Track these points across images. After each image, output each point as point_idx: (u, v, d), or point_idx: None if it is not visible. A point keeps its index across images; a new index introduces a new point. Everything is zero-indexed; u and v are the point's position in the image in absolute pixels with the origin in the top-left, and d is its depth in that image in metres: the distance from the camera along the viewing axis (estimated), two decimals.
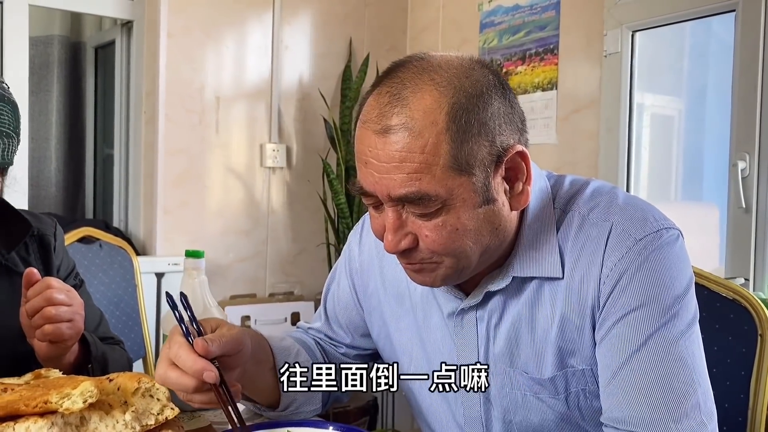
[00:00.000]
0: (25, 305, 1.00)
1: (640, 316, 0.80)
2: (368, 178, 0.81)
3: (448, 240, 0.81)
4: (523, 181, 0.84)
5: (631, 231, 0.83)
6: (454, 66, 0.81)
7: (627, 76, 2.32)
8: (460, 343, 0.94)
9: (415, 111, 0.77)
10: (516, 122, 0.83)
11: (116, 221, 2.85)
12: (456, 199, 0.79)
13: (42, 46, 3.08)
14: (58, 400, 0.74)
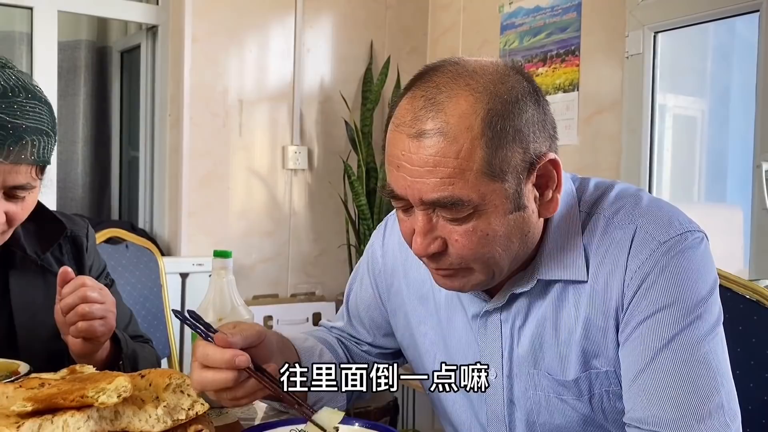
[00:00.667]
0: (59, 303, 1.03)
1: (663, 317, 0.81)
2: (400, 181, 0.81)
3: (478, 245, 0.81)
4: (553, 189, 0.84)
5: (656, 234, 0.84)
6: (490, 72, 0.81)
7: (649, 77, 2.31)
8: (484, 344, 0.95)
9: (450, 116, 0.77)
10: (548, 129, 0.83)
11: (141, 222, 2.90)
12: (488, 205, 0.79)
13: (69, 51, 3.14)
14: (94, 395, 0.76)
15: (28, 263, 1.15)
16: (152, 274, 2.20)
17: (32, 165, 1.01)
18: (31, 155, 0.99)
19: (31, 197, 1.06)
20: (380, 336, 1.13)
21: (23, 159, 0.99)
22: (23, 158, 0.99)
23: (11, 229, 1.07)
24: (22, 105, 0.99)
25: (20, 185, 1.01)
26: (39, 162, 1.02)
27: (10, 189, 1.01)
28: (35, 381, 0.85)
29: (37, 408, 0.75)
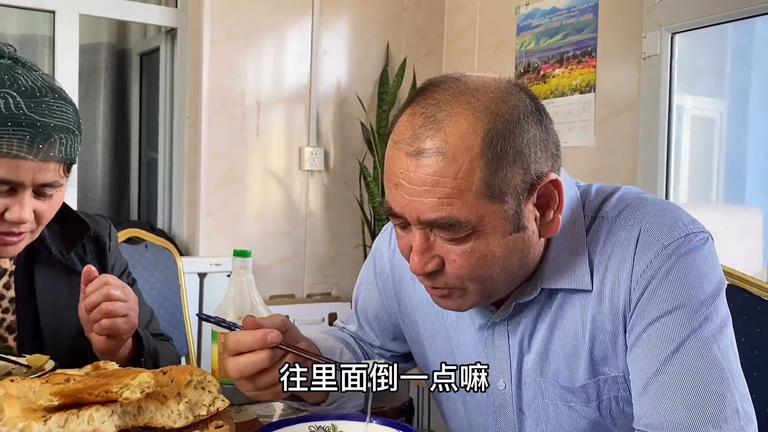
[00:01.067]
0: (83, 301, 1.05)
1: (670, 320, 0.80)
2: (398, 199, 0.80)
3: (476, 266, 0.80)
4: (554, 210, 0.83)
5: (659, 235, 0.83)
6: (492, 90, 0.79)
7: (666, 78, 2.30)
8: (492, 355, 0.94)
9: (450, 135, 0.76)
10: (551, 148, 0.82)
11: (160, 223, 2.93)
12: (486, 226, 0.78)
13: (90, 53, 3.19)
14: (118, 390, 0.78)
15: (53, 262, 1.17)
16: (171, 273, 2.23)
17: (60, 162, 1.04)
18: (59, 153, 1.02)
19: (58, 195, 1.09)
20: (389, 340, 1.13)
21: (51, 157, 1.02)
22: (51, 156, 1.02)
23: (40, 227, 1.10)
24: (50, 105, 1.02)
25: (49, 183, 1.04)
26: (66, 159, 1.05)
27: (39, 186, 1.04)
28: (61, 377, 0.87)
29: (63, 402, 0.77)
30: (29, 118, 0.99)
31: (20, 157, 0.99)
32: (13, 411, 0.75)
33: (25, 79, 1.03)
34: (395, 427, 0.81)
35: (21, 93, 1.01)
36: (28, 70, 1.06)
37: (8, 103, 0.99)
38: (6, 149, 0.98)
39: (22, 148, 0.99)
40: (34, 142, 0.99)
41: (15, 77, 1.02)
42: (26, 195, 1.03)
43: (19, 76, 1.03)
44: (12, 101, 0.99)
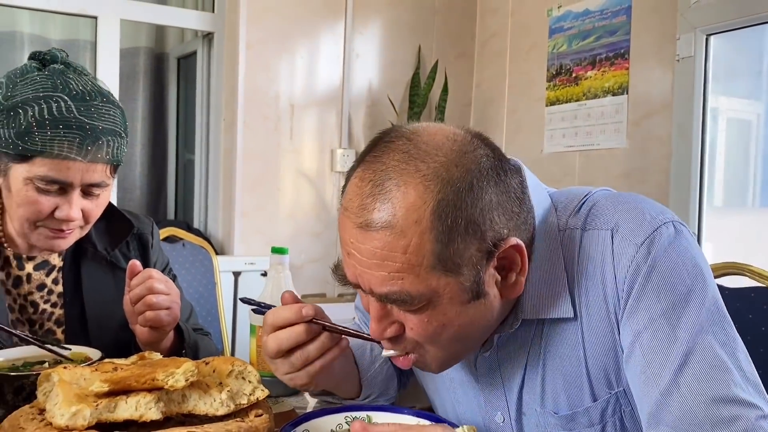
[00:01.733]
0: (128, 294, 1.10)
1: (662, 328, 0.76)
2: (351, 269, 0.78)
3: (434, 333, 0.78)
4: (516, 272, 0.78)
5: (631, 236, 0.80)
6: (444, 152, 0.74)
7: (700, 80, 2.28)
8: (487, 389, 0.92)
9: (398, 208, 0.71)
10: (511, 207, 0.77)
11: (196, 222, 3.00)
12: (442, 297, 0.75)
13: (129, 57, 3.28)
14: (164, 378, 0.82)
15: (99, 259, 1.22)
16: (207, 272, 2.29)
17: (107, 164, 1.09)
18: (106, 155, 1.07)
19: (105, 195, 1.14)
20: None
21: (99, 158, 1.07)
22: (99, 157, 1.07)
23: (88, 225, 1.15)
24: (99, 108, 1.07)
25: (96, 183, 1.09)
26: (113, 161, 1.10)
27: (87, 186, 1.08)
28: (109, 365, 0.92)
29: (112, 389, 0.82)
30: (79, 121, 1.04)
31: (70, 158, 1.04)
32: (67, 396, 0.80)
33: (76, 84, 1.08)
34: (428, 418, 0.84)
35: (72, 97, 1.06)
36: (79, 74, 1.11)
37: (60, 106, 1.04)
38: (57, 151, 1.03)
39: (72, 150, 1.04)
40: (83, 144, 1.04)
41: (67, 82, 1.07)
42: (75, 194, 1.08)
43: (71, 81, 1.08)
44: (63, 105, 1.04)
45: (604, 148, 2.57)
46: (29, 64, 1.11)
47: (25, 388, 0.94)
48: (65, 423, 0.76)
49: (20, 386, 0.94)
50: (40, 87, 1.06)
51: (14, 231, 1.15)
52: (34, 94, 1.05)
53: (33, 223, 1.10)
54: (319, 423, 0.85)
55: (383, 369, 1.08)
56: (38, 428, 0.78)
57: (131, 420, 0.80)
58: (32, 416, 0.82)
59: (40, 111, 1.04)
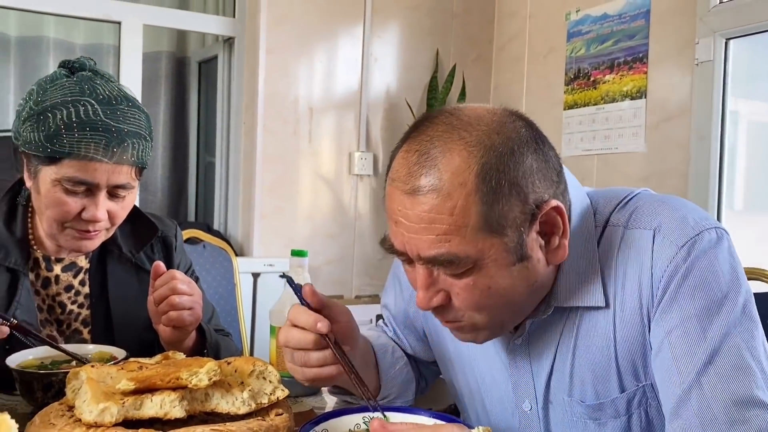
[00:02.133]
0: (152, 294, 1.13)
1: (693, 327, 0.78)
2: (398, 237, 0.80)
3: (481, 299, 0.80)
4: (559, 236, 0.81)
5: (673, 237, 0.82)
6: (485, 122, 0.78)
7: (720, 84, 2.27)
8: (516, 377, 0.94)
9: (443, 172, 0.75)
10: (551, 176, 0.80)
11: (216, 224, 3.04)
12: (487, 260, 0.77)
13: (151, 62, 3.33)
14: (187, 377, 0.84)
15: (124, 261, 1.26)
16: (227, 273, 2.32)
17: (132, 166, 1.12)
18: (131, 156, 1.11)
19: (130, 197, 1.17)
20: (420, 350, 1.13)
21: (125, 160, 1.10)
22: (124, 159, 1.10)
23: (114, 227, 1.18)
24: (124, 112, 1.11)
25: (121, 184, 1.12)
26: (138, 163, 1.13)
27: (113, 188, 1.12)
28: (134, 364, 0.95)
29: (138, 387, 0.84)
30: (105, 124, 1.08)
31: (96, 159, 1.07)
32: (95, 393, 0.82)
33: (103, 89, 1.12)
34: (444, 419, 0.85)
35: (99, 101, 1.09)
36: (106, 81, 1.14)
37: (87, 110, 1.08)
38: (84, 152, 1.07)
39: (98, 152, 1.07)
40: (109, 146, 1.08)
41: (94, 87, 1.11)
42: (101, 196, 1.11)
43: (98, 86, 1.12)
44: (90, 108, 1.08)
45: (622, 152, 2.57)
46: (59, 72, 1.15)
47: (54, 386, 0.97)
48: (93, 419, 0.79)
49: (49, 383, 0.97)
50: (69, 92, 1.10)
51: (43, 233, 1.19)
52: (62, 99, 1.09)
53: (61, 224, 1.13)
54: (338, 422, 0.87)
55: (403, 372, 1.10)
56: (68, 424, 0.81)
57: (156, 417, 0.83)
58: (62, 413, 0.85)
59: (68, 114, 1.07)
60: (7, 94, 3.08)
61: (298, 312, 0.92)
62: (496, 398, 0.98)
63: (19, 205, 1.21)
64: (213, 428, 0.80)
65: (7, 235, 1.16)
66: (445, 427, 0.71)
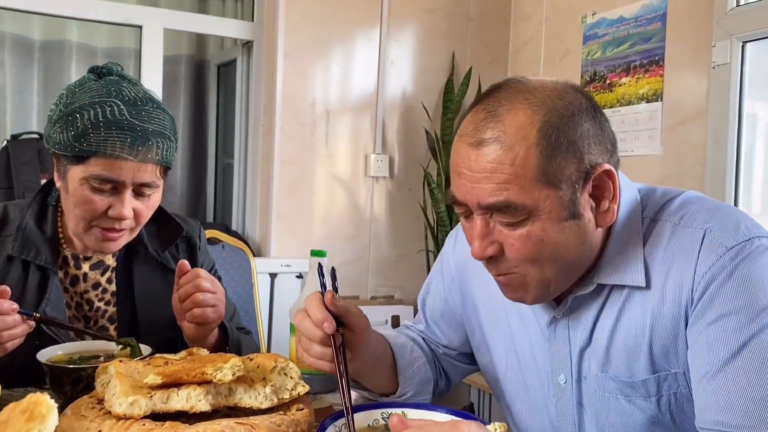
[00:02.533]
0: (177, 291, 1.16)
1: (731, 322, 0.82)
2: (461, 188, 0.87)
3: (533, 250, 0.85)
4: (609, 200, 0.87)
5: (723, 239, 0.85)
6: (549, 89, 0.86)
7: (736, 87, 2.27)
8: (554, 350, 0.99)
9: (508, 126, 0.82)
10: (606, 144, 0.87)
11: (234, 225, 3.08)
12: (542, 211, 0.83)
13: (171, 65, 3.37)
14: (212, 372, 0.87)
15: (150, 260, 1.29)
16: (245, 273, 2.35)
17: (156, 164, 1.16)
18: (156, 155, 1.14)
19: (155, 197, 1.21)
20: (456, 339, 1.18)
21: (149, 158, 1.14)
22: (149, 158, 1.13)
23: (138, 226, 1.22)
24: (149, 112, 1.15)
25: (147, 183, 1.15)
26: (162, 162, 1.17)
27: (138, 186, 1.15)
28: (160, 360, 0.98)
29: (165, 382, 0.87)
30: (130, 123, 1.12)
31: (122, 157, 1.11)
32: (124, 387, 0.86)
33: (129, 91, 1.16)
34: (461, 416, 0.88)
35: (124, 102, 1.13)
36: (132, 84, 1.19)
37: (113, 110, 1.12)
38: (110, 150, 1.11)
39: (123, 150, 1.11)
40: (134, 145, 1.11)
41: (120, 89, 1.15)
42: (127, 194, 1.15)
43: (124, 89, 1.16)
44: (116, 108, 1.12)
45: (638, 155, 2.57)
46: (87, 76, 1.19)
47: (83, 380, 1.01)
48: (123, 412, 0.82)
49: (78, 378, 1.01)
50: (96, 94, 1.14)
51: (71, 232, 1.22)
52: (90, 100, 1.13)
53: (88, 223, 1.17)
54: (357, 418, 0.89)
55: (421, 371, 1.12)
56: (98, 416, 0.84)
57: (182, 411, 0.86)
58: (92, 405, 0.88)
59: (95, 114, 1.11)
60: (30, 97, 3.14)
61: (312, 303, 0.95)
62: (535, 373, 1.02)
63: (50, 205, 1.25)
64: (237, 422, 0.83)
65: (38, 233, 1.20)
66: (462, 423, 0.73)
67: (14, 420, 0.58)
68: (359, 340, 0.98)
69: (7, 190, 2.53)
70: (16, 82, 3.10)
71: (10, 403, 0.60)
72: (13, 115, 3.07)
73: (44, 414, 0.67)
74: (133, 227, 1.21)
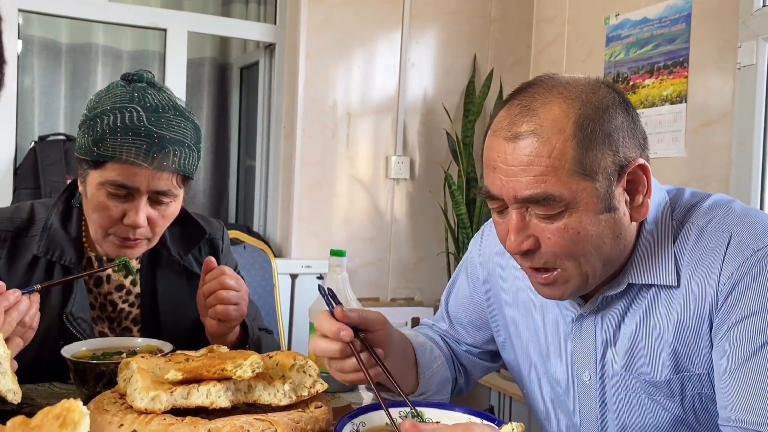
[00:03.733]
0: (202, 287, 1.17)
1: (756, 321, 0.82)
2: (496, 182, 0.87)
3: (570, 243, 0.85)
4: (643, 194, 0.88)
5: (750, 242, 0.85)
6: (581, 84, 0.87)
7: (763, 88, 2.23)
8: (579, 347, 0.99)
9: (544, 119, 0.83)
10: (638, 138, 0.88)
11: (256, 226, 3.10)
12: (579, 203, 0.83)
13: (195, 67, 3.41)
14: (232, 369, 0.88)
15: (172, 263, 1.30)
16: (266, 274, 2.37)
17: (173, 173, 1.14)
18: (172, 163, 1.13)
19: (173, 207, 1.19)
20: (480, 337, 1.19)
21: (165, 166, 1.12)
22: (165, 166, 1.12)
23: (155, 237, 1.21)
24: (169, 120, 1.14)
25: (162, 191, 1.14)
26: (180, 171, 1.15)
27: (154, 194, 1.14)
28: (181, 356, 0.99)
29: (185, 378, 0.89)
30: (148, 130, 1.11)
31: (137, 164, 1.10)
32: (145, 382, 0.87)
33: (153, 98, 1.15)
34: (478, 416, 0.87)
35: (145, 108, 1.13)
36: (159, 91, 1.17)
37: (132, 116, 1.11)
38: (125, 156, 1.10)
39: (139, 156, 1.10)
40: (150, 151, 1.10)
41: (144, 95, 1.14)
42: (142, 201, 1.14)
43: (148, 95, 1.15)
44: (135, 114, 1.12)
45: (661, 157, 2.54)
46: (117, 82, 1.19)
47: (105, 375, 1.02)
48: (144, 406, 0.84)
49: (101, 373, 1.02)
50: (119, 99, 1.14)
51: (92, 237, 1.23)
52: (112, 105, 1.13)
53: (105, 230, 1.16)
54: (374, 416, 0.89)
55: (441, 370, 1.13)
56: (120, 410, 0.86)
57: (202, 407, 0.87)
58: (114, 400, 0.90)
59: (114, 119, 1.11)
60: (57, 99, 3.20)
61: (322, 320, 0.95)
62: (559, 370, 1.03)
63: (74, 207, 1.26)
64: (256, 418, 0.84)
65: (62, 233, 1.22)
66: (476, 426, 0.73)
67: (47, 425, 0.59)
68: (381, 335, 0.98)
69: (34, 190, 2.58)
70: (43, 84, 3.16)
71: (45, 408, 0.61)
72: (40, 117, 3.13)
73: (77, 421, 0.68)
74: (150, 237, 1.19)
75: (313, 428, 0.86)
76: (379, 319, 0.98)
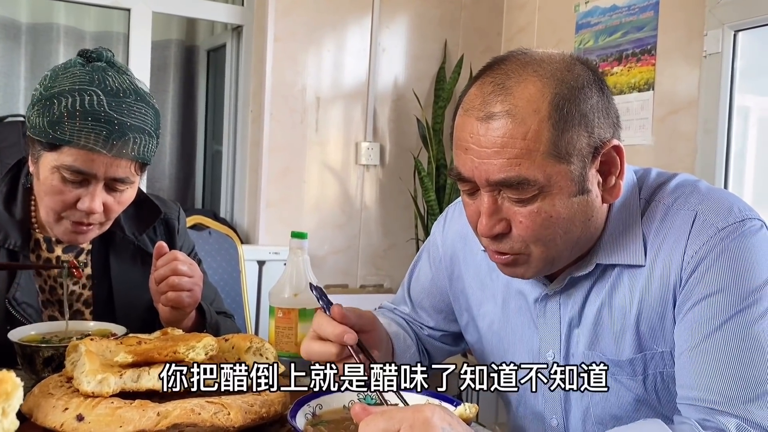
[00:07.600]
0: (153, 273, 1.14)
1: (717, 300, 0.82)
2: (467, 164, 0.84)
3: (541, 227, 0.83)
4: (616, 176, 0.86)
5: (715, 220, 0.85)
6: (556, 61, 0.84)
7: (727, 77, 2.26)
8: (543, 327, 0.98)
9: (518, 99, 0.80)
10: (612, 117, 0.85)
11: (223, 212, 3.06)
12: (553, 186, 0.81)
13: (160, 50, 3.33)
14: (185, 351, 0.86)
15: (126, 243, 1.26)
16: (232, 260, 2.34)
17: (132, 160, 1.10)
18: (131, 151, 1.09)
19: (128, 193, 1.16)
20: (442, 320, 1.18)
21: (124, 154, 1.08)
22: (124, 153, 1.08)
23: (108, 221, 1.17)
24: (130, 105, 1.09)
25: (120, 178, 1.10)
26: (139, 158, 1.11)
27: (111, 181, 1.10)
28: (133, 339, 0.96)
29: (136, 360, 0.86)
30: (108, 116, 1.06)
31: (95, 150, 1.06)
32: (93, 365, 0.84)
33: (113, 81, 1.10)
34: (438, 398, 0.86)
35: (105, 92, 1.08)
36: (119, 73, 1.12)
37: (92, 100, 1.07)
38: (84, 142, 1.06)
39: (97, 143, 1.06)
40: (110, 138, 1.06)
41: (104, 78, 1.09)
42: (98, 187, 1.10)
43: (108, 77, 1.10)
44: (95, 98, 1.07)
45: (629, 145, 2.54)
46: (75, 60, 1.14)
47: (54, 360, 0.99)
48: (91, 389, 0.81)
49: (50, 357, 0.99)
50: (78, 80, 1.09)
51: (43, 220, 1.19)
52: (70, 87, 1.08)
53: (57, 214, 1.12)
54: (332, 399, 0.87)
55: (414, 358, 1.12)
56: (66, 394, 0.83)
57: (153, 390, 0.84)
58: (60, 383, 0.87)
59: (73, 102, 1.06)
60: (17, 80, 3.11)
61: (323, 322, 0.90)
62: (523, 350, 1.02)
63: (21, 187, 1.21)
64: (208, 400, 0.81)
65: (6, 217, 1.17)
66: (426, 407, 0.70)
67: None
68: (375, 336, 0.96)
69: None
70: (2, 64, 3.06)
71: None
72: None
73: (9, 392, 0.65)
74: (103, 222, 1.16)
75: (268, 411, 0.84)
76: (373, 319, 0.96)
